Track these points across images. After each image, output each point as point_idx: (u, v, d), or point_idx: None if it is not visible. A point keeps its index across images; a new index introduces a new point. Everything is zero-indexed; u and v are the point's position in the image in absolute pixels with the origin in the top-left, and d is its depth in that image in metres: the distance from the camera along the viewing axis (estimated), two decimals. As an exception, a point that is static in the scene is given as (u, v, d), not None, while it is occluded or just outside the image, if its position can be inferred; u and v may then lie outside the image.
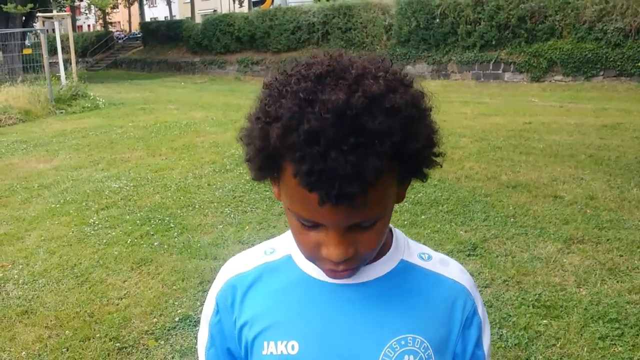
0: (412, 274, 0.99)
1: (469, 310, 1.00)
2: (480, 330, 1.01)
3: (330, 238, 0.83)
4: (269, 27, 26.99)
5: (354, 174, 0.72)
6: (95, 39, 41.80)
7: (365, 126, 0.73)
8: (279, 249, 1.04)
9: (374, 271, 0.96)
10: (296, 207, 0.83)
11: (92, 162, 8.73)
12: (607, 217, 5.31)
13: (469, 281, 1.03)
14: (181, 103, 16.33)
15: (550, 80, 18.27)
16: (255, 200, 6.35)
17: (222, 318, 1.04)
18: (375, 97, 0.75)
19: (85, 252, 5.12)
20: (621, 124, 10.15)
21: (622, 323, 3.52)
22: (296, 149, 0.74)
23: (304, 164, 0.73)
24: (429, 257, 1.03)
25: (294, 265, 1.00)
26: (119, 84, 25.27)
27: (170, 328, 3.76)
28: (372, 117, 0.74)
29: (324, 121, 0.72)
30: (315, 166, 0.72)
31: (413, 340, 0.94)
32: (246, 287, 1.02)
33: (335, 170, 0.72)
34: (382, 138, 0.73)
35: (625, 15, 16.46)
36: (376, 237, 0.87)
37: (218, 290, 1.05)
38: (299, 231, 0.87)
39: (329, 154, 0.72)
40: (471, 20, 19.89)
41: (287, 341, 0.95)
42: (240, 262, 1.06)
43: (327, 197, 0.75)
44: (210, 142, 9.85)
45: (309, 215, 0.82)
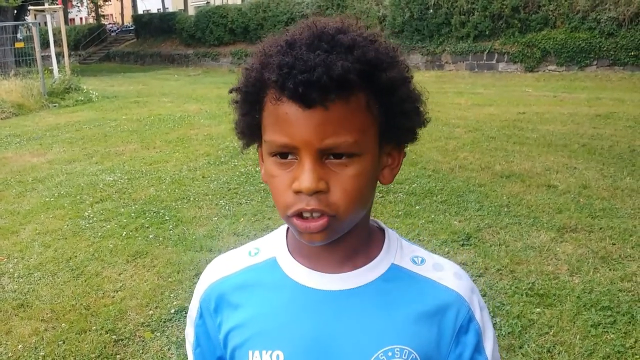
0: (402, 280, 0.95)
1: (463, 318, 0.95)
2: (480, 336, 0.96)
3: (302, 166, 0.82)
4: (263, 18, 26.94)
5: (322, 69, 0.77)
6: (88, 32, 41.54)
7: (338, 40, 0.82)
8: (264, 250, 1.01)
9: (363, 277, 0.94)
10: (272, 133, 0.84)
11: (86, 155, 8.72)
12: (600, 206, 5.34)
13: (465, 287, 0.97)
14: (175, 96, 16.30)
15: (544, 70, 18.29)
16: (250, 192, 6.36)
17: (206, 321, 1.02)
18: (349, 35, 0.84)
19: (81, 245, 5.13)
20: (614, 114, 10.18)
21: (614, 311, 3.55)
22: (273, 62, 0.82)
23: (277, 67, 0.80)
24: (422, 260, 0.98)
25: (278, 269, 0.97)
26: (112, 77, 25.19)
27: (166, 320, 3.78)
28: (345, 35, 0.83)
29: (301, 37, 0.83)
30: (287, 61, 0.80)
31: (400, 352, 0.91)
32: (230, 292, 0.99)
33: (306, 63, 0.78)
34: (353, 49, 0.81)
35: (619, 5, 16.48)
36: (350, 180, 0.83)
37: (201, 294, 1.03)
38: (274, 174, 0.86)
39: (302, 53, 0.80)
40: (465, 10, 19.88)
41: (272, 351, 0.93)
42: (224, 264, 1.04)
43: (295, 90, 0.78)
44: (205, 135, 9.85)
45: (282, 135, 0.82)
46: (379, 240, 0.98)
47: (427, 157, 7.36)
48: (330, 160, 0.83)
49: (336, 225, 0.85)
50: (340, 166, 0.83)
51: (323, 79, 0.77)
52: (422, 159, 7.23)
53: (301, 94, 0.78)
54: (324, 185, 0.82)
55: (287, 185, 0.84)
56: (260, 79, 0.84)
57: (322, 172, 0.82)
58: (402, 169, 0.98)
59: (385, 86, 0.84)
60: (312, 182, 0.81)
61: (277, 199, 0.87)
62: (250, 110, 0.89)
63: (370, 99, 0.83)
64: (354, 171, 0.84)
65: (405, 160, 0.96)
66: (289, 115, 0.81)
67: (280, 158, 0.85)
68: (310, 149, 0.81)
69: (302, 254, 0.96)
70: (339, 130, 0.81)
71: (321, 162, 0.82)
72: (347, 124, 0.81)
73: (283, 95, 0.81)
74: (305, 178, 0.81)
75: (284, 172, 0.85)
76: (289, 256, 0.97)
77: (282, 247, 0.99)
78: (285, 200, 0.85)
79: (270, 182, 0.88)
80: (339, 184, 0.83)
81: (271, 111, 0.84)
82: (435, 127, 9.10)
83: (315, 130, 0.80)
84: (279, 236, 1.01)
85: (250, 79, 0.87)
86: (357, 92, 0.81)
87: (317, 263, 0.94)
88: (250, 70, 0.88)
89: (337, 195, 0.83)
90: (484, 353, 0.96)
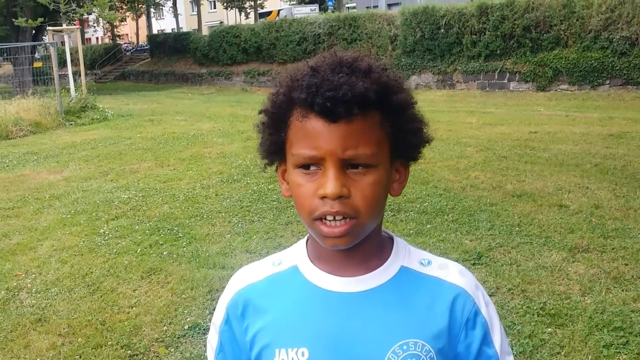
0: (412, 280, 1.05)
1: (469, 311, 1.04)
2: (487, 329, 1.05)
3: (327, 174, 0.93)
4: (275, 38, 27.17)
5: (347, 87, 0.91)
6: (104, 52, 42.14)
7: (357, 66, 0.95)
8: (286, 260, 1.11)
9: (377, 279, 1.04)
10: (299, 147, 0.96)
11: (101, 173, 8.84)
12: (613, 226, 5.33)
13: (469, 282, 1.07)
14: (188, 114, 16.46)
15: (556, 89, 18.28)
16: (263, 210, 6.42)
17: (232, 327, 1.10)
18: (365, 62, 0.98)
19: (96, 261, 5.20)
20: (627, 133, 10.16)
21: (626, 331, 3.54)
22: (301, 84, 0.95)
23: (305, 87, 0.94)
24: (428, 262, 1.09)
25: (300, 276, 1.07)
26: (127, 95, 25.48)
27: (180, 336, 3.83)
28: (362, 62, 0.97)
29: (324, 63, 0.97)
30: (315, 81, 0.93)
31: (415, 345, 1.00)
32: (256, 297, 1.09)
33: (331, 82, 0.91)
34: (370, 73, 0.95)
35: (631, 24, 16.47)
36: (369, 188, 0.95)
37: (228, 301, 1.12)
38: (299, 183, 0.97)
39: (327, 76, 0.93)
40: (476, 30, 19.94)
41: (297, 348, 1.02)
42: (249, 273, 1.13)
43: (323, 105, 0.91)
44: (218, 153, 9.95)
45: (309, 148, 0.94)
46: (389, 246, 1.09)
47: (438, 176, 7.39)
48: (350, 170, 0.95)
49: (357, 229, 0.97)
50: (359, 175, 0.95)
51: (348, 95, 0.90)
52: (434, 177, 7.26)
53: (328, 108, 0.91)
54: (346, 191, 0.94)
55: (312, 192, 0.96)
56: (288, 100, 0.98)
57: (344, 179, 0.94)
58: (413, 188, 1.08)
59: (397, 107, 0.98)
60: (336, 187, 0.92)
61: (302, 205, 0.98)
62: (277, 129, 1.01)
63: (383, 118, 0.97)
64: (371, 180, 0.96)
65: (416, 179, 1.07)
66: (315, 129, 0.94)
67: (304, 169, 0.97)
68: (334, 159, 0.93)
69: (322, 260, 1.06)
70: (358, 143, 0.93)
71: (343, 171, 0.94)
72: (365, 138, 0.94)
73: (310, 112, 0.94)
74: (330, 184, 0.93)
75: (308, 181, 0.96)
76: (309, 263, 1.08)
77: (302, 256, 1.09)
78: (311, 205, 0.96)
79: (295, 191, 0.99)
80: (359, 191, 0.95)
81: (298, 128, 0.96)
82: (447, 146, 9.14)
83: (339, 141, 0.92)
84: (299, 247, 1.12)
85: (278, 101, 1.00)
86: (373, 110, 0.95)
87: (335, 268, 1.05)
88: (277, 94, 1.01)
89: (357, 200, 0.95)
90: (493, 346, 1.06)
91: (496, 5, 19.32)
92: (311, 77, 0.94)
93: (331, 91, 0.91)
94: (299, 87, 0.95)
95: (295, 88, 0.96)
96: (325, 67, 0.95)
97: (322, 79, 0.93)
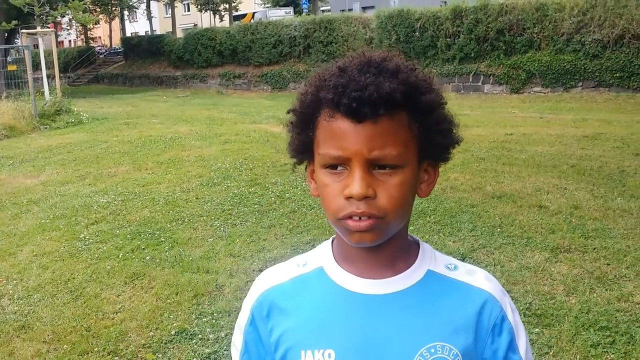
0: (439, 284, 1.05)
1: (496, 317, 1.04)
2: (513, 335, 1.05)
3: (353, 175, 0.93)
4: (251, 41, 27.10)
5: (373, 87, 0.91)
6: (77, 54, 41.67)
7: (384, 66, 0.95)
8: (311, 262, 1.10)
9: (404, 281, 1.03)
10: (326, 147, 0.96)
11: (78, 177, 8.73)
12: (593, 226, 5.41)
13: (496, 288, 1.07)
14: (164, 117, 16.33)
15: (530, 91, 18.53)
16: (244, 214, 6.40)
17: (258, 328, 1.09)
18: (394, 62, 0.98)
19: (78, 266, 5.14)
20: (602, 134, 10.32)
21: (612, 331, 3.58)
22: (328, 84, 0.95)
23: (332, 87, 0.93)
24: (455, 267, 1.08)
25: (326, 277, 1.06)
26: (101, 98, 25.20)
27: (167, 341, 3.80)
28: (390, 62, 0.96)
29: (352, 63, 0.97)
30: (342, 82, 0.93)
31: (442, 348, 0.99)
32: (281, 299, 1.08)
33: (358, 83, 0.91)
34: (398, 74, 0.94)
35: (603, 27, 16.75)
36: (396, 189, 0.95)
37: (253, 302, 1.11)
38: (326, 183, 0.97)
39: (354, 76, 0.93)
40: (450, 33, 20.13)
41: (323, 350, 1.01)
42: (274, 274, 1.13)
43: (349, 105, 0.91)
44: (196, 156, 9.88)
45: (335, 148, 0.94)
46: (415, 250, 1.08)
47: (419, 178, 7.41)
48: (377, 171, 0.95)
49: (383, 227, 0.96)
50: (385, 176, 0.95)
51: (374, 96, 0.90)
52: (415, 180, 7.28)
53: (355, 109, 0.91)
54: (372, 192, 0.94)
55: (338, 192, 0.95)
56: (316, 100, 0.98)
57: (370, 180, 0.94)
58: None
59: (424, 107, 0.97)
60: (362, 188, 0.92)
61: (329, 205, 0.98)
62: (305, 129, 1.02)
63: (411, 118, 0.96)
64: (397, 180, 0.95)
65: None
66: (341, 129, 0.94)
67: (331, 169, 0.97)
68: (360, 159, 0.93)
69: (348, 261, 1.05)
70: (385, 144, 0.93)
71: (369, 171, 0.94)
72: (391, 138, 0.94)
73: (337, 113, 0.94)
74: (355, 185, 0.93)
75: (335, 181, 0.96)
76: (335, 265, 1.07)
77: (328, 257, 1.08)
78: (337, 205, 0.96)
79: (322, 191, 0.99)
80: (385, 191, 0.95)
81: (325, 128, 0.97)
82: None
83: (365, 142, 0.92)
84: (324, 249, 1.11)
85: (306, 101, 1.00)
86: (401, 111, 0.94)
87: (361, 270, 1.04)
88: (305, 94, 1.01)
89: (383, 200, 0.94)
90: (518, 352, 1.05)
91: (470, 8, 19.55)
92: (338, 77, 0.95)
93: (357, 91, 0.91)
94: (327, 87, 0.95)
95: (322, 88, 0.96)
96: (352, 68, 0.95)
97: (349, 79, 0.93)
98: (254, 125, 13.71)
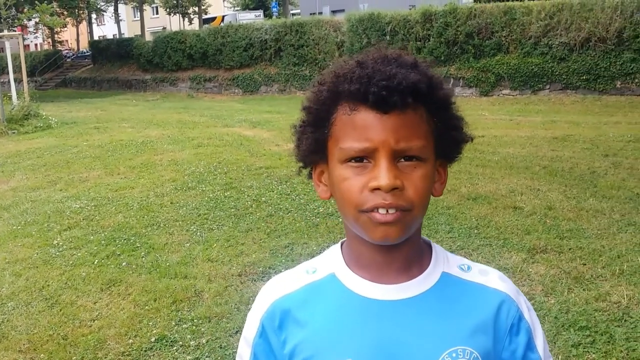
0: (454, 286, 1.03)
1: (513, 317, 1.03)
2: (530, 334, 1.04)
3: (379, 166, 0.91)
4: (221, 44, 26.98)
5: (401, 76, 0.91)
6: (44, 58, 41.00)
7: (403, 60, 0.96)
8: (321, 268, 1.06)
9: (419, 286, 1.01)
10: (348, 140, 0.94)
11: (49, 182, 8.58)
12: (567, 227, 5.48)
13: (511, 288, 1.06)
14: (135, 121, 16.14)
15: (499, 94, 18.77)
16: (221, 218, 6.36)
17: (269, 339, 1.05)
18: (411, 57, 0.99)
19: (52, 273, 5.04)
20: (571, 136, 10.50)
21: (592, 330, 3.62)
22: (350, 76, 0.94)
23: (357, 78, 0.93)
24: (468, 267, 1.07)
25: (339, 284, 1.03)
26: (69, 102, 24.84)
27: (147, 349, 3.75)
28: (408, 57, 0.97)
29: (370, 58, 0.96)
30: (367, 72, 0.93)
31: (463, 352, 0.98)
32: (294, 308, 1.03)
33: (384, 73, 0.92)
34: (417, 67, 0.95)
35: (570, 30, 17.05)
36: (420, 180, 0.94)
37: (263, 312, 1.06)
38: (347, 177, 0.94)
39: (378, 67, 0.93)
40: (421, 36, 20.30)
41: (341, 359, 0.98)
42: (284, 282, 1.08)
43: (379, 94, 0.90)
44: (169, 160, 9.79)
45: (360, 140, 0.92)
46: (428, 252, 1.06)
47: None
48: (402, 163, 0.93)
49: (409, 220, 0.94)
50: (410, 167, 0.93)
51: (402, 84, 0.90)
52: (390, 182, 7.31)
53: (384, 97, 0.90)
54: (400, 183, 0.92)
55: (362, 185, 0.93)
56: (333, 95, 0.96)
57: (397, 172, 0.92)
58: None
59: (442, 102, 0.98)
60: (390, 179, 0.90)
61: (350, 199, 0.95)
62: (319, 126, 0.99)
63: (429, 113, 0.96)
64: (422, 172, 0.94)
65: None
66: (366, 121, 0.92)
67: (355, 162, 0.94)
68: (387, 150, 0.91)
69: (360, 266, 1.02)
70: (411, 135, 0.92)
71: (395, 163, 0.92)
72: (417, 130, 0.93)
73: (359, 105, 0.93)
74: (383, 176, 0.90)
75: (357, 174, 0.94)
76: (347, 270, 1.03)
77: (339, 262, 1.05)
78: (360, 198, 0.93)
79: (341, 186, 0.96)
80: (412, 183, 0.93)
81: (345, 122, 0.95)
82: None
83: (392, 132, 0.91)
84: (334, 253, 1.07)
85: (322, 97, 0.98)
86: (420, 105, 0.94)
87: (375, 275, 1.01)
88: (319, 91, 1.00)
89: (410, 192, 0.93)
90: (536, 351, 1.04)
91: (439, 12, 19.74)
92: (362, 69, 0.94)
93: (385, 80, 0.90)
94: (349, 80, 0.93)
95: (342, 82, 0.95)
96: (372, 61, 0.95)
97: (374, 70, 0.92)
98: (226, 129, 13.64)
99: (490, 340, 1.01)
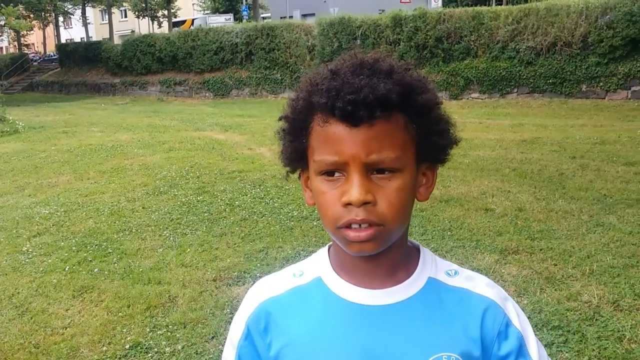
0: (440, 292, 1.02)
1: (500, 323, 1.01)
2: (521, 340, 1.01)
3: (351, 180, 0.90)
4: (192, 47, 26.79)
5: (368, 90, 0.88)
6: (10, 62, 40.25)
7: (378, 67, 0.92)
8: (308, 272, 1.06)
9: (405, 291, 1.00)
10: (321, 153, 0.93)
11: (17, 188, 8.44)
12: (538, 228, 5.56)
13: (498, 294, 1.04)
14: (104, 125, 15.96)
15: (468, 97, 18.96)
16: (194, 222, 6.32)
17: (254, 342, 1.04)
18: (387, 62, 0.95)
19: (22, 281, 4.96)
20: (539, 139, 10.66)
21: (564, 330, 3.67)
22: (321, 88, 0.92)
23: (325, 91, 0.90)
24: (455, 272, 1.05)
25: (324, 288, 1.02)
26: (36, 107, 24.45)
27: (121, 356, 3.70)
28: (384, 63, 0.94)
29: (345, 65, 0.94)
30: (335, 85, 0.90)
31: (448, 358, 0.97)
32: (279, 312, 1.03)
33: (352, 85, 0.89)
34: (392, 74, 0.92)
35: (536, 35, 17.31)
36: (394, 193, 0.91)
37: (249, 315, 1.05)
38: (323, 191, 0.94)
39: (347, 78, 0.90)
40: (391, 40, 20.41)
41: None
42: (269, 285, 1.07)
43: (344, 109, 0.88)
44: (140, 165, 9.70)
45: (331, 154, 0.91)
46: (416, 256, 1.05)
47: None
48: (375, 175, 0.91)
49: (384, 235, 0.93)
50: (384, 180, 0.92)
51: (369, 97, 0.87)
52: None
53: (350, 112, 0.88)
54: (371, 197, 0.90)
55: (336, 199, 0.92)
56: (308, 105, 0.95)
57: (369, 185, 0.90)
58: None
59: (421, 107, 0.94)
60: (360, 194, 0.89)
61: (326, 213, 0.94)
62: (298, 136, 0.98)
63: (408, 120, 0.93)
64: (396, 185, 0.92)
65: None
66: (337, 134, 0.90)
67: (327, 176, 0.93)
68: (358, 164, 0.90)
69: (347, 271, 1.02)
70: (382, 147, 0.90)
71: (367, 176, 0.91)
72: (389, 141, 0.90)
73: (331, 117, 0.91)
74: (354, 191, 0.89)
75: (332, 188, 0.93)
76: (334, 274, 1.03)
77: (326, 266, 1.04)
78: (335, 213, 0.92)
79: (319, 199, 0.95)
80: (385, 197, 0.91)
81: (319, 133, 0.93)
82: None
83: (361, 146, 0.89)
84: (321, 257, 1.07)
85: (298, 106, 0.97)
86: (397, 112, 0.91)
87: (361, 279, 1.00)
88: (297, 99, 0.98)
89: (383, 206, 0.91)
90: (529, 356, 1.01)
91: (409, 16, 19.89)
92: (331, 80, 0.91)
93: (352, 94, 0.88)
94: (319, 92, 0.92)
95: (315, 92, 0.93)
96: (345, 70, 0.93)
97: (343, 82, 0.90)
98: (198, 133, 13.56)
99: (478, 346, 0.99)
